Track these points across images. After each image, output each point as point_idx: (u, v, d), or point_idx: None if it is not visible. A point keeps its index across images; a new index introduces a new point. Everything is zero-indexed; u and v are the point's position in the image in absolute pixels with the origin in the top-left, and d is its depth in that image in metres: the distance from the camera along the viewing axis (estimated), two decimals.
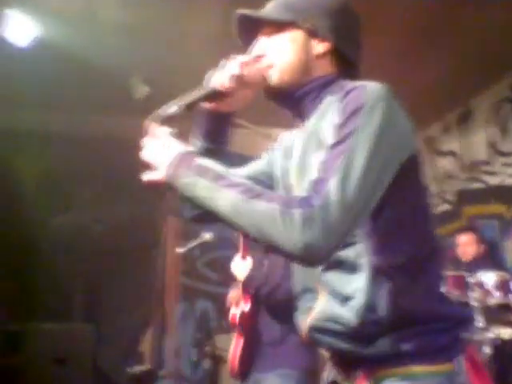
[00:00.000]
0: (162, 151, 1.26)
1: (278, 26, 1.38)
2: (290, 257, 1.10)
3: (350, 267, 1.21)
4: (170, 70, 4.24)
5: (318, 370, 2.76)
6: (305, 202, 1.07)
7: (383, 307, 1.17)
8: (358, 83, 1.25)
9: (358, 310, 1.17)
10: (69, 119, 4.92)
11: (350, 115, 1.16)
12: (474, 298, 3.57)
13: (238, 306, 2.91)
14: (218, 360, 4.73)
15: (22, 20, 3.72)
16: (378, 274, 1.18)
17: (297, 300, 1.37)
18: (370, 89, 1.19)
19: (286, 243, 1.06)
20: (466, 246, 4.66)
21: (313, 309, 1.29)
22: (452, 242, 4.79)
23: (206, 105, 1.42)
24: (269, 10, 1.41)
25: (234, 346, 2.95)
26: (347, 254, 1.21)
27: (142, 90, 4.40)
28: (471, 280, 3.63)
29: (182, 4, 3.62)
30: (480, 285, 3.63)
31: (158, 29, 3.86)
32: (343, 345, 1.22)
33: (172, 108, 1.31)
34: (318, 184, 1.09)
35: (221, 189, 1.14)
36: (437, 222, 4.90)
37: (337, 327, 1.22)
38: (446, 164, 5.77)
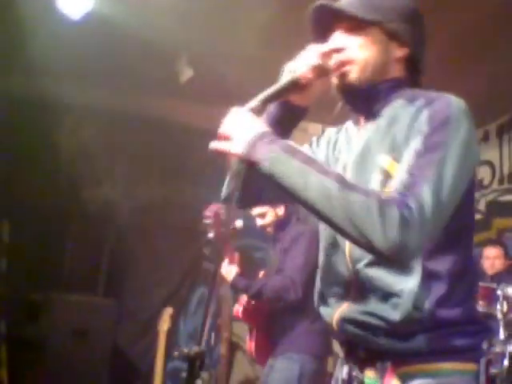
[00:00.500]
0: (244, 125, 1.26)
1: (359, 23, 1.36)
2: (377, 253, 1.12)
3: (400, 267, 1.25)
4: (216, 56, 4.24)
5: (322, 356, 3.17)
6: (402, 202, 1.10)
7: (427, 309, 1.22)
8: (435, 93, 1.29)
9: (404, 308, 1.22)
10: (110, 95, 4.95)
11: (439, 125, 1.20)
12: (499, 310, 3.59)
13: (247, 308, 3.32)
14: (233, 346, 4.76)
15: None
16: (428, 278, 1.24)
17: (326, 291, 1.39)
18: (455, 102, 1.25)
19: (379, 239, 1.08)
20: (495, 259, 4.68)
21: (345, 301, 1.32)
22: (478, 253, 4.76)
23: (284, 97, 1.41)
24: (351, 6, 1.38)
25: (249, 337, 3.40)
26: None
27: (186, 73, 4.39)
28: (500, 293, 3.63)
29: None
30: (508, 298, 3.64)
31: (209, 13, 3.84)
32: (377, 339, 1.27)
33: (253, 102, 1.31)
34: (413, 186, 1.13)
35: (313, 172, 1.15)
36: None
37: (375, 321, 1.26)
38: (481, 173, 5.71)
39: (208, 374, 3.96)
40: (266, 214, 3.34)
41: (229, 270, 3.20)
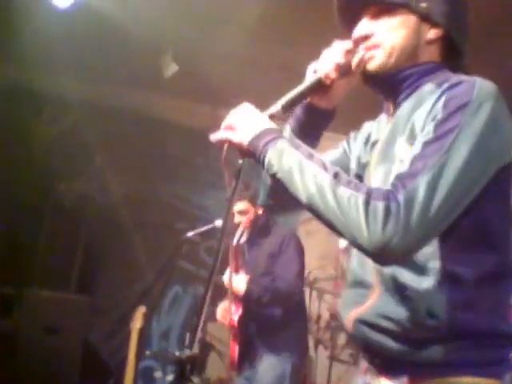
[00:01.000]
0: (251, 119, 1.24)
1: (386, 6, 1.30)
2: (362, 250, 1.07)
3: (417, 269, 1.17)
4: (202, 53, 4.21)
5: (305, 356, 3.36)
6: (390, 194, 1.04)
7: (443, 315, 1.14)
8: (465, 77, 1.19)
9: (418, 312, 1.15)
10: (92, 87, 4.86)
11: (455, 111, 1.11)
12: None
13: (232, 313, 3.20)
14: (208, 347, 4.72)
15: None
16: (446, 281, 1.15)
17: (346, 291, 1.33)
18: (479, 85, 1.14)
19: (363, 235, 1.03)
20: None
21: (364, 302, 1.25)
22: None
23: (309, 98, 1.36)
24: None
25: (231, 345, 3.26)
26: (417, 254, 1.14)
27: (171, 68, 4.34)
28: None
29: None
30: None
31: (197, 10, 3.80)
32: (392, 344, 1.19)
33: (274, 108, 1.28)
34: (407, 178, 1.06)
35: (313, 165, 1.12)
36: None
37: (390, 325, 1.19)
38: None
39: (199, 379, 3.90)
40: (247, 212, 3.29)
41: (239, 282, 3.12)
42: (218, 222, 3.58)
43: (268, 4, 3.49)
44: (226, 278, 3.04)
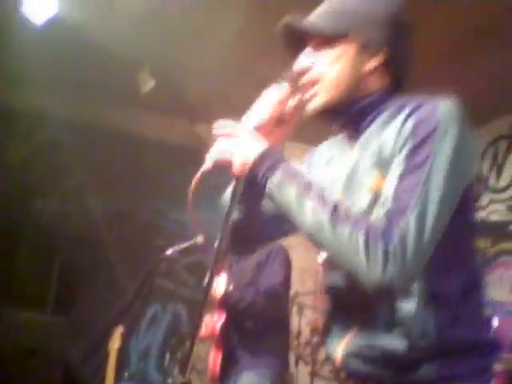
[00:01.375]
0: (243, 144, 1.24)
1: (325, 38, 1.29)
2: (365, 287, 1.08)
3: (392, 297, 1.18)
4: (178, 69, 4.20)
5: (286, 373, 3.26)
6: (387, 234, 1.06)
7: (432, 334, 1.16)
8: (423, 98, 1.20)
9: (407, 336, 1.16)
10: (69, 103, 4.82)
11: (423, 140, 1.12)
12: None
13: (216, 320, 3.14)
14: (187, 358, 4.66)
15: None
16: (429, 300, 1.17)
17: (331, 323, 1.33)
18: (442, 108, 1.15)
19: (365, 276, 1.06)
20: None
21: (350, 334, 1.25)
22: None
23: None
24: (318, 18, 1.31)
25: (213, 357, 3.16)
26: None
27: (148, 84, 4.33)
28: None
29: (201, 4, 3.58)
30: None
31: (173, 25, 3.80)
32: (383, 372, 1.20)
33: (206, 163, 1.27)
34: (397, 215, 1.08)
35: (311, 199, 1.13)
36: None
37: (379, 354, 1.19)
38: None
39: None
40: None
41: (218, 282, 3.11)
42: (199, 239, 3.56)
43: (244, 18, 3.50)
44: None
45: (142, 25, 3.86)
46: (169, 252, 3.78)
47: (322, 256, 1.33)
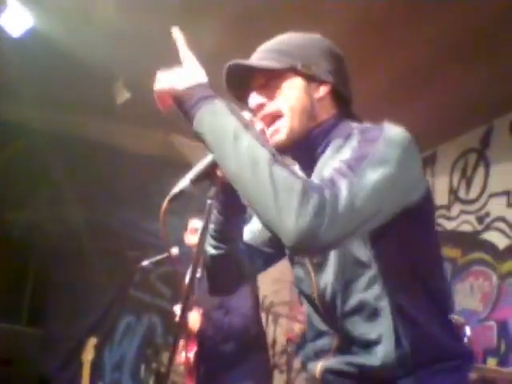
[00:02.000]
0: (190, 69, 1.24)
1: (273, 73, 1.33)
2: (282, 234, 1.04)
3: (371, 311, 1.22)
4: (153, 79, 4.21)
5: None
6: (321, 189, 1.04)
7: (409, 349, 1.19)
8: (372, 125, 1.25)
9: (384, 354, 1.19)
10: (43, 113, 4.79)
11: (369, 141, 1.15)
12: None
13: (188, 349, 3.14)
14: (163, 378, 4.65)
15: (19, 10, 3.66)
16: (400, 315, 1.20)
17: (310, 342, 1.36)
18: (387, 130, 1.18)
19: (291, 218, 1.01)
20: None
21: (329, 352, 1.29)
22: None
23: (219, 173, 1.29)
24: (262, 58, 1.35)
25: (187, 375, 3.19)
26: (366, 297, 1.22)
27: (123, 95, 4.34)
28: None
29: (177, 18, 3.60)
30: None
31: (149, 37, 3.82)
32: None
33: (183, 182, 1.27)
34: (330, 182, 1.07)
35: (250, 136, 1.09)
36: None
37: (358, 371, 1.22)
38: None
39: None
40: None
41: (192, 319, 3.07)
42: (174, 251, 3.56)
43: (221, 31, 3.55)
44: (178, 311, 3.01)
45: (116, 36, 3.87)
46: (144, 263, 3.78)
47: (300, 271, 1.36)
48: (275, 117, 1.32)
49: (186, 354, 3.12)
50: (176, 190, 1.27)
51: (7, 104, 4.55)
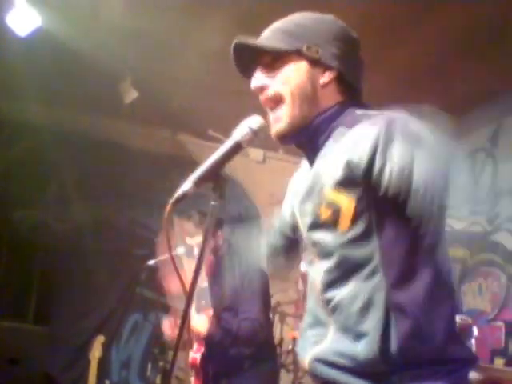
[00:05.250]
0: None
1: (278, 54, 1.33)
2: None
3: (366, 302, 1.19)
4: (161, 79, 4.23)
5: None
6: None
7: (396, 345, 1.15)
8: (378, 115, 1.22)
9: (372, 347, 1.16)
10: (51, 112, 4.81)
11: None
12: None
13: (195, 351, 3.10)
14: (169, 376, 4.64)
15: (26, 9, 3.67)
16: (393, 310, 1.17)
17: (305, 331, 1.35)
18: (396, 122, 1.16)
19: None
20: None
21: (321, 341, 1.27)
22: None
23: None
24: (268, 38, 1.35)
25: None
26: (364, 287, 1.19)
27: (131, 94, 4.34)
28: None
29: (186, 16, 3.61)
30: None
31: (156, 36, 3.83)
32: (349, 380, 1.21)
33: (186, 184, 1.28)
34: None
35: None
36: None
37: (345, 362, 1.20)
38: None
39: None
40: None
41: (199, 323, 3.02)
42: (180, 250, 3.55)
43: (227, 31, 3.53)
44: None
45: (125, 35, 3.87)
46: (150, 262, 3.78)
47: (303, 265, 1.35)
48: (277, 101, 1.32)
49: (194, 354, 3.08)
50: (179, 192, 1.28)
51: (15, 103, 4.57)
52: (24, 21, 3.74)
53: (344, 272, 1.23)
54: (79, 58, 3.95)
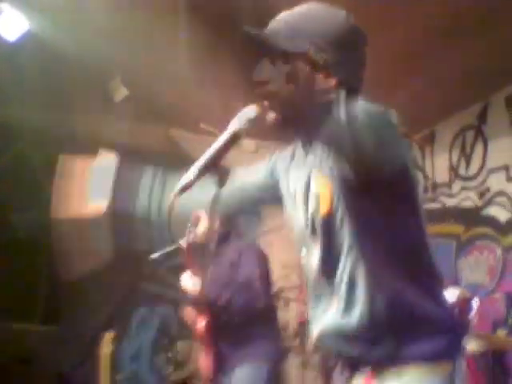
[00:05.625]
0: None
1: (283, 52, 1.34)
2: None
3: (351, 275, 1.29)
4: (151, 77, 4.24)
5: (281, 360, 3.23)
6: None
7: (382, 312, 1.25)
8: (364, 106, 1.23)
9: (359, 316, 1.26)
10: (41, 114, 4.83)
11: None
12: None
13: (199, 321, 3.07)
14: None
15: (13, 14, 3.70)
16: (376, 279, 1.27)
17: (312, 309, 1.44)
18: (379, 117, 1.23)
19: None
20: None
21: (326, 314, 1.37)
22: None
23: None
24: (278, 33, 1.35)
25: (203, 357, 3.11)
26: (347, 262, 1.30)
27: (121, 93, 4.36)
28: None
29: (173, 14, 3.64)
30: None
31: (144, 34, 3.85)
32: (349, 349, 1.32)
33: (187, 177, 1.33)
34: None
35: None
36: None
37: (342, 334, 1.31)
38: None
39: None
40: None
41: (194, 283, 3.05)
42: (183, 242, 3.61)
43: (216, 26, 3.58)
44: (185, 281, 3.05)
45: (113, 33, 3.87)
46: (154, 255, 3.83)
47: (304, 251, 1.44)
48: (275, 97, 1.36)
49: (198, 326, 3.08)
50: (181, 184, 1.33)
51: (6, 107, 4.58)
52: (12, 26, 3.76)
53: (335, 248, 1.33)
54: (68, 60, 3.96)
